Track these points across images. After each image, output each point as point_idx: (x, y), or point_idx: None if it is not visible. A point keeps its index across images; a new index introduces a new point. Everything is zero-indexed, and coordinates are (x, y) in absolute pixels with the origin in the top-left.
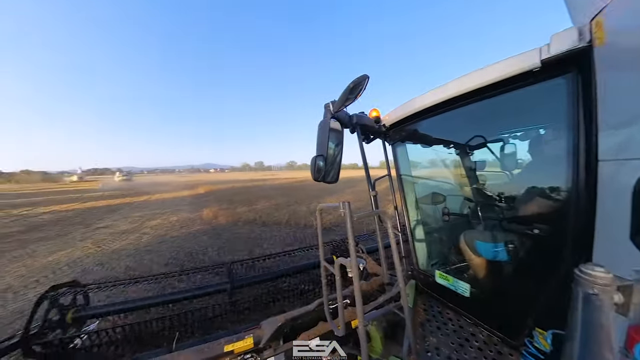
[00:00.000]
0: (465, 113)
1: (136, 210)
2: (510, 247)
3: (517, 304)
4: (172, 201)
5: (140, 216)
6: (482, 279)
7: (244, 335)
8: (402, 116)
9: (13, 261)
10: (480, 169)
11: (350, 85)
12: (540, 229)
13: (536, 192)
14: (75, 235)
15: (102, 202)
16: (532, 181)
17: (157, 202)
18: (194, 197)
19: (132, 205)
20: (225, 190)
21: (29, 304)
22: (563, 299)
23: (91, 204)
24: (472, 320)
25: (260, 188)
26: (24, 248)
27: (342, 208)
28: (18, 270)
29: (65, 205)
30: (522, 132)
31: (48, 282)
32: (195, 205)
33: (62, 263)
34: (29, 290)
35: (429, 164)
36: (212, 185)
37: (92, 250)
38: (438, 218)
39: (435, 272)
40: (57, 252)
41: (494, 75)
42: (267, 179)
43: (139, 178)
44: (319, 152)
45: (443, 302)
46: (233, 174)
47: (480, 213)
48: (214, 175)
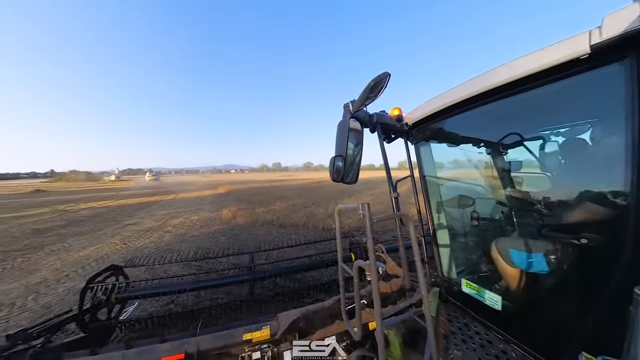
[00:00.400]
0: (499, 108)
1: (162, 209)
2: (552, 257)
3: (560, 323)
4: (194, 200)
5: (165, 214)
6: (517, 291)
7: (261, 326)
8: (427, 114)
9: (51, 254)
10: (515, 170)
11: (370, 83)
12: (589, 238)
13: (585, 196)
14: (107, 231)
15: (134, 199)
16: (579, 183)
17: (181, 201)
18: (214, 197)
19: (159, 204)
20: (244, 191)
21: (57, 300)
22: (618, 320)
23: (124, 201)
24: (503, 337)
25: (278, 189)
26: (62, 242)
27: (361, 210)
28: (54, 264)
29: (102, 202)
30: (566, 129)
31: (77, 277)
32: (215, 204)
33: (91, 259)
34: (60, 285)
35: (455, 164)
36: (232, 185)
37: (119, 246)
38: (465, 222)
39: (462, 280)
40: (89, 247)
41: (532, 66)
42: (284, 179)
43: (166, 178)
44: (338, 153)
45: (470, 313)
46: (252, 174)
47: (515, 218)
48: (234, 175)
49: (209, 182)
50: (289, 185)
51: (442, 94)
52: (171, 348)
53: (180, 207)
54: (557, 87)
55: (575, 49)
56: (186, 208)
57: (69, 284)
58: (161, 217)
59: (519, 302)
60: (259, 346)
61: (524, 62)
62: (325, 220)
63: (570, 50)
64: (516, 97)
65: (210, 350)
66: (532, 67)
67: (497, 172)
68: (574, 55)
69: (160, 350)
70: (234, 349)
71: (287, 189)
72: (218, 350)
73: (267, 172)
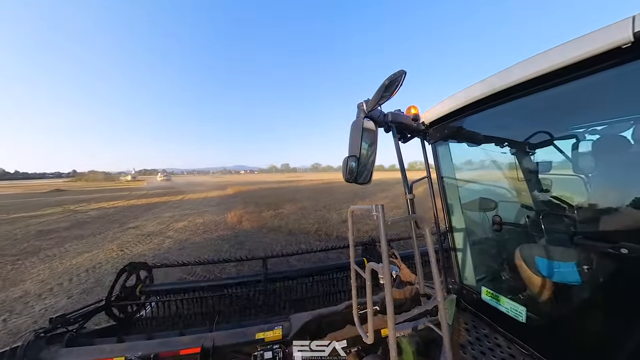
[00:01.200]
0: (526, 105)
1: (169, 210)
2: (585, 267)
3: (593, 339)
4: (201, 201)
5: (170, 217)
6: (544, 303)
7: (274, 326)
8: (446, 112)
9: (44, 261)
10: (544, 172)
11: (385, 82)
12: (631, 248)
13: (627, 200)
14: (107, 235)
15: (143, 200)
16: (620, 187)
17: (189, 202)
18: (222, 198)
19: (167, 205)
20: (253, 192)
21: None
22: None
23: (134, 201)
24: (527, 351)
25: (286, 190)
26: (60, 246)
27: (375, 211)
28: (42, 274)
29: (112, 203)
30: (604, 126)
31: (61, 292)
32: (222, 206)
33: (82, 268)
34: (39, 302)
35: (476, 165)
36: (241, 186)
37: (115, 253)
38: (486, 227)
39: (481, 288)
40: (84, 253)
41: (566, 57)
42: (292, 180)
43: (177, 178)
44: (351, 153)
45: (490, 324)
46: (261, 175)
47: (543, 224)
48: (244, 176)
49: (218, 183)
50: (298, 187)
51: (463, 90)
52: (189, 341)
53: (187, 209)
54: (594, 81)
55: (616, 37)
56: (192, 210)
57: (49, 302)
58: (166, 219)
59: (546, 314)
60: (271, 346)
61: (557, 53)
62: (339, 228)
63: (611, 38)
64: (546, 92)
65: (225, 347)
66: (565, 58)
67: (523, 173)
68: (614, 44)
69: (179, 342)
70: (246, 347)
71: (296, 190)
72: (232, 347)
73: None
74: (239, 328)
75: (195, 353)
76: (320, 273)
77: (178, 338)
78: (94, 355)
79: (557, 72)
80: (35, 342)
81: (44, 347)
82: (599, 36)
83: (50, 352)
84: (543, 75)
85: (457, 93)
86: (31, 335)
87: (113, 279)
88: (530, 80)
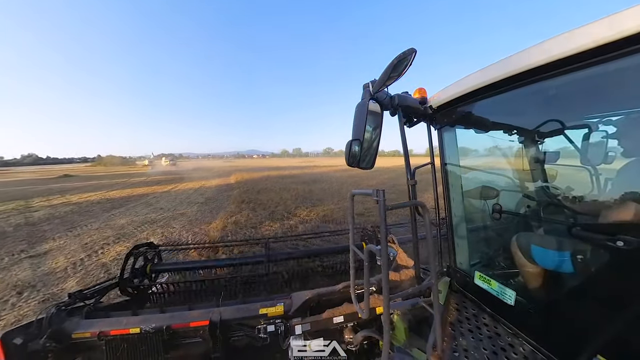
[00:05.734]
0: (541, 91)
1: (134, 210)
2: (579, 257)
3: (578, 324)
4: (191, 194)
5: (121, 227)
6: (534, 288)
7: (276, 303)
8: (455, 96)
9: None
10: (550, 162)
11: (393, 61)
12: (626, 241)
13: (631, 195)
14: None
15: (128, 191)
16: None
17: (176, 194)
18: (218, 189)
19: (145, 199)
20: (257, 182)
21: None
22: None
23: (115, 193)
24: (512, 331)
25: (299, 179)
26: None
27: (376, 196)
28: None
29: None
30: (621, 116)
31: None
32: (210, 204)
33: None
34: None
35: (481, 152)
36: (246, 173)
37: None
38: (486, 215)
39: (475, 272)
40: None
41: (590, 40)
42: (305, 166)
43: (187, 163)
44: (354, 137)
45: (479, 305)
46: (273, 160)
47: (542, 214)
48: (255, 161)
49: (225, 168)
50: (312, 175)
51: (474, 73)
52: (198, 315)
53: (160, 209)
54: (621, 66)
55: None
56: (165, 212)
57: None
58: (109, 235)
59: (535, 299)
60: (274, 320)
61: (580, 35)
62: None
63: (635, 21)
64: (564, 77)
65: (231, 320)
66: (589, 41)
67: (529, 162)
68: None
69: (189, 316)
70: (251, 320)
71: (311, 179)
72: (238, 320)
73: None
74: (244, 304)
75: (204, 325)
76: (319, 255)
77: (188, 312)
78: (112, 326)
79: (581, 55)
80: (58, 314)
81: (66, 319)
82: (626, 18)
83: (72, 322)
84: (565, 58)
85: (469, 75)
86: (53, 308)
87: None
88: (550, 64)
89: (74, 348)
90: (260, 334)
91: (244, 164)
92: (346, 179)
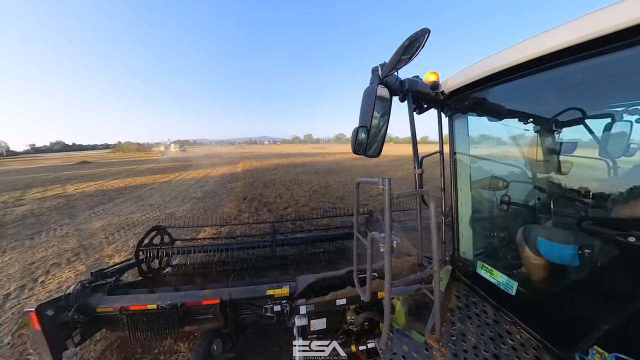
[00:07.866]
0: (562, 76)
1: (129, 202)
2: (587, 252)
3: (578, 316)
4: (191, 185)
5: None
6: (537, 280)
7: (282, 285)
8: (469, 81)
9: None
10: (566, 153)
11: (405, 42)
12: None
13: None
14: None
15: (128, 180)
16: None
17: (175, 185)
18: (222, 179)
19: (143, 189)
20: (266, 171)
21: None
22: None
23: (116, 182)
24: (511, 319)
25: (311, 167)
26: None
27: (382, 184)
28: None
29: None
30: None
31: None
32: (210, 198)
33: None
34: None
35: (492, 141)
36: (255, 161)
37: None
38: (493, 206)
39: (477, 262)
40: None
41: (618, 21)
42: (317, 153)
43: (194, 149)
44: (361, 123)
45: (480, 294)
46: (284, 146)
47: (553, 207)
48: (266, 147)
49: (235, 155)
50: (325, 164)
51: (490, 57)
52: (209, 294)
53: (149, 206)
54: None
55: None
56: (154, 210)
57: None
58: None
59: (537, 290)
60: (280, 301)
61: (606, 15)
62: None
63: None
64: (589, 61)
65: (239, 300)
66: (617, 22)
67: (543, 153)
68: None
69: (201, 295)
70: (258, 300)
71: (326, 169)
72: (246, 300)
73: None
74: (252, 285)
75: (215, 304)
76: (323, 240)
77: (200, 291)
78: (131, 302)
79: (618, 34)
80: (82, 290)
81: (90, 295)
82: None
83: (96, 298)
84: (590, 40)
85: (485, 59)
86: (79, 284)
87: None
88: (574, 47)
89: (98, 320)
90: (267, 313)
91: (254, 151)
92: (367, 170)
